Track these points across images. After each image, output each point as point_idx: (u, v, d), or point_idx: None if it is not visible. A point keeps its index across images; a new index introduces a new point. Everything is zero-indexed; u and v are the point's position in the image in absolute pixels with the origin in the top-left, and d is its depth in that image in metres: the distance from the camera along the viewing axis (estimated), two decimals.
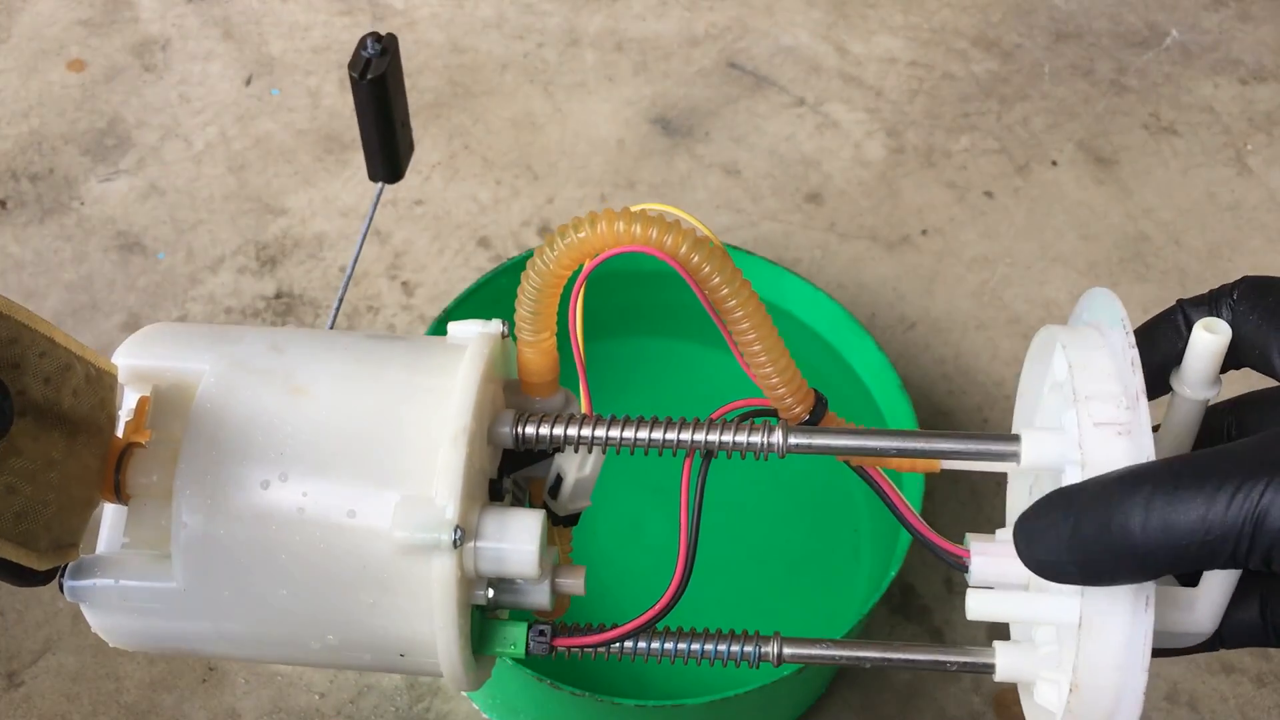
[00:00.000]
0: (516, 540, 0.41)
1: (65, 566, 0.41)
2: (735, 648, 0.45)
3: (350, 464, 0.41)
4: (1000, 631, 0.51)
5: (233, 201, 1.12)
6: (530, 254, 0.95)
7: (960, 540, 0.45)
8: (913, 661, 0.45)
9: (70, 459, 0.38)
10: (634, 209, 0.40)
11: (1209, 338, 0.40)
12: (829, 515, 0.94)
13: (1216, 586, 0.40)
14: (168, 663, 0.86)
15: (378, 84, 0.46)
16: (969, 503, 0.96)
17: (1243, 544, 0.33)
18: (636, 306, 0.94)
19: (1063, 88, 1.24)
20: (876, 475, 0.45)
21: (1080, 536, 0.36)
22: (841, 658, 0.45)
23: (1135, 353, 0.40)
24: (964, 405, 1.01)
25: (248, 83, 1.21)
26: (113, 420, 0.41)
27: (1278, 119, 1.22)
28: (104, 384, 0.40)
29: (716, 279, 0.40)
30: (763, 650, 0.45)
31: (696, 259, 0.40)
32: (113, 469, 0.41)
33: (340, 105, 1.19)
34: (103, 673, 0.85)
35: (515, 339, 0.44)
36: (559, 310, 0.44)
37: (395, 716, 0.84)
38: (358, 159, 1.15)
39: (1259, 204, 1.16)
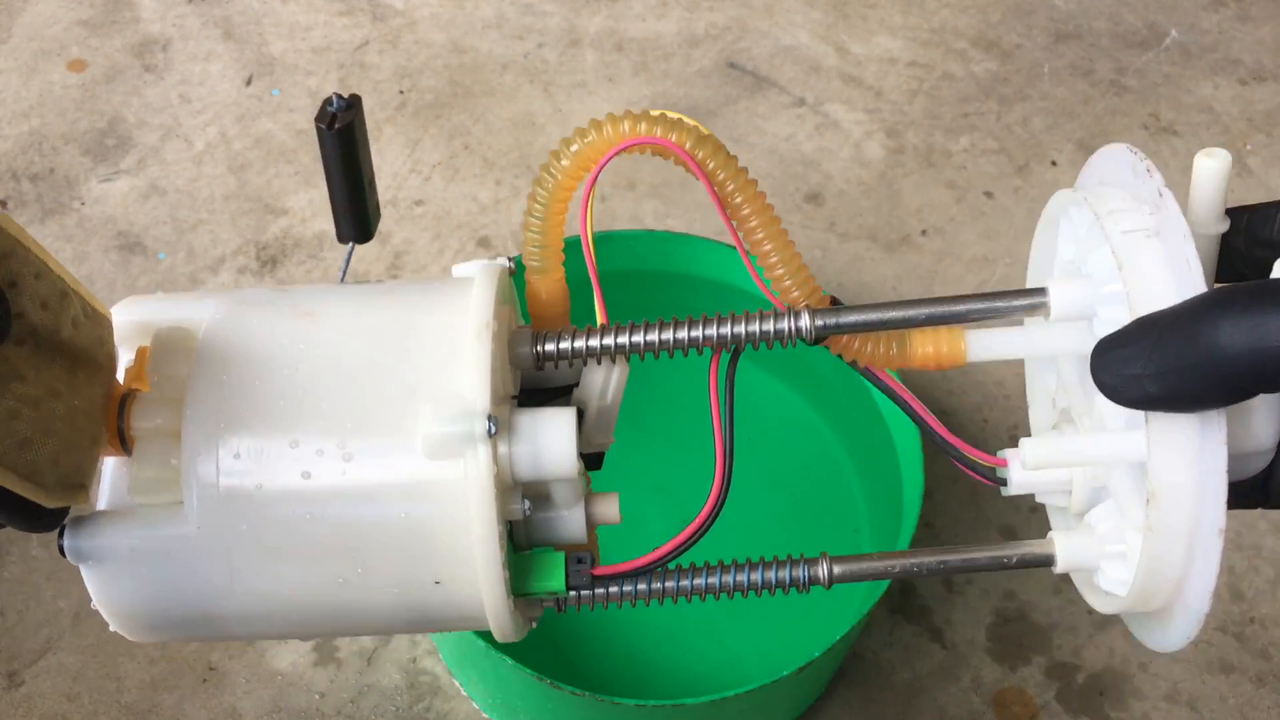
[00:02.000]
0: (552, 436, 0.39)
1: (64, 528, 0.39)
2: (783, 574, 0.42)
3: (371, 373, 0.39)
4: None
5: (233, 201, 1.12)
6: None
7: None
8: (971, 561, 0.42)
9: (73, 393, 0.37)
10: (638, 113, 0.40)
11: (1210, 163, 0.39)
12: (829, 515, 0.94)
13: (1272, 398, 0.38)
14: (168, 662, 0.86)
15: (345, 133, 0.47)
16: (969, 503, 0.96)
17: None
18: (637, 307, 0.94)
19: (1062, 88, 1.24)
20: (895, 385, 0.43)
21: (1164, 353, 0.35)
22: (896, 568, 0.42)
23: (1147, 162, 0.39)
24: (964, 405, 1.01)
25: (248, 83, 1.21)
26: (113, 360, 0.40)
27: (1277, 119, 1.22)
28: (101, 323, 0.39)
29: (722, 173, 0.40)
30: (812, 572, 0.42)
31: (701, 154, 0.40)
32: (115, 415, 0.39)
33: None
34: (103, 672, 0.85)
35: (522, 274, 0.43)
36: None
37: (395, 716, 0.84)
38: None
39: None
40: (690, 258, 0.93)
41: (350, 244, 0.50)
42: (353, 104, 0.47)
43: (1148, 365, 0.35)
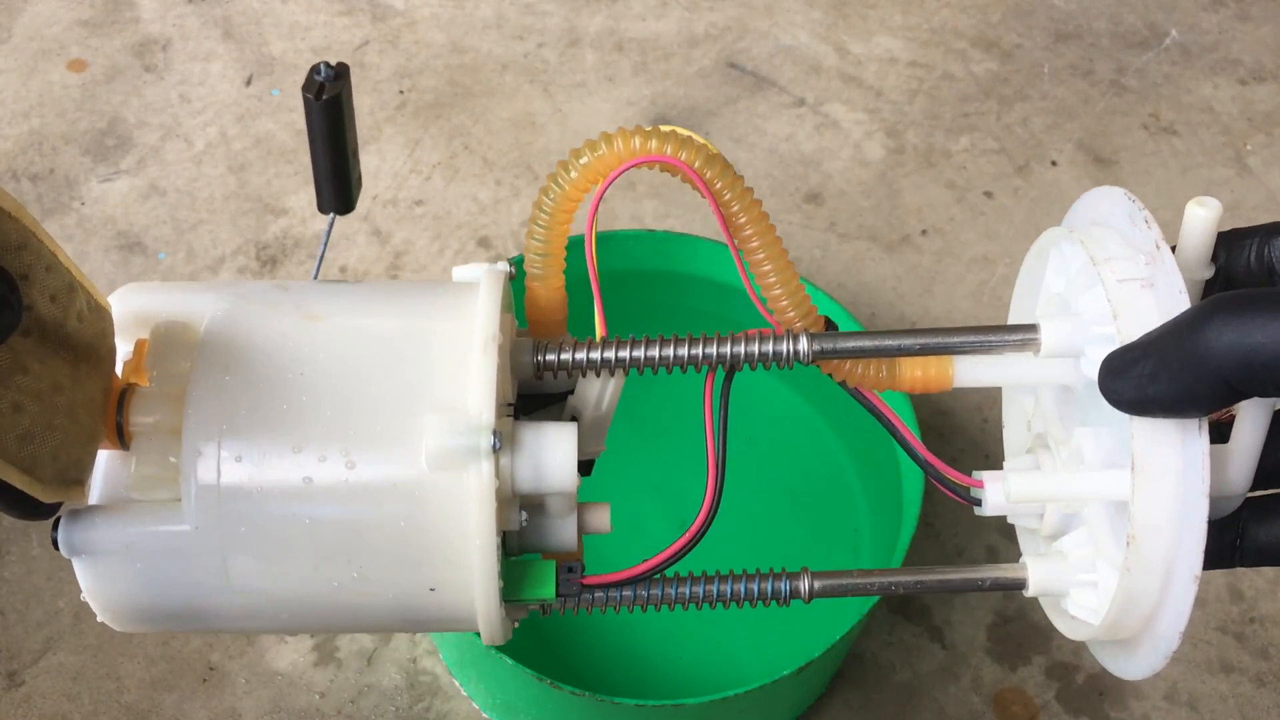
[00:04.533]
0: (554, 451, 0.39)
1: (58, 520, 0.39)
2: (765, 585, 0.43)
3: (376, 380, 0.39)
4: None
5: (233, 201, 1.12)
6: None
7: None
8: (946, 582, 0.44)
9: (75, 387, 0.37)
10: (648, 129, 0.40)
11: (1201, 212, 0.40)
12: (829, 515, 0.94)
13: (1249, 433, 0.39)
14: (168, 662, 0.86)
15: (332, 104, 0.46)
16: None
17: None
18: (637, 307, 0.94)
19: (1063, 88, 1.24)
20: (882, 405, 0.43)
21: (1161, 352, 0.36)
22: (874, 585, 0.43)
23: (1145, 212, 0.40)
24: (963, 405, 1.01)
25: (248, 83, 1.21)
26: (113, 354, 0.39)
27: (1277, 119, 1.22)
28: (104, 316, 0.39)
29: (727, 194, 0.41)
30: (794, 585, 0.43)
31: (709, 173, 0.40)
32: (114, 409, 0.39)
33: None
34: (103, 672, 0.85)
35: (523, 279, 0.43)
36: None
37: (395, 716, 0.84)
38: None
39: (1259, 204, 1.16)
40: (690, 258, 0.93)
41: (331, 214, 0.49)
42: (340, 74, 0.46)
43: (1145, 365, 0.37)
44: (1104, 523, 0.41)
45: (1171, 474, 0.37)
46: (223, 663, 0.86)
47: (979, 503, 0.43)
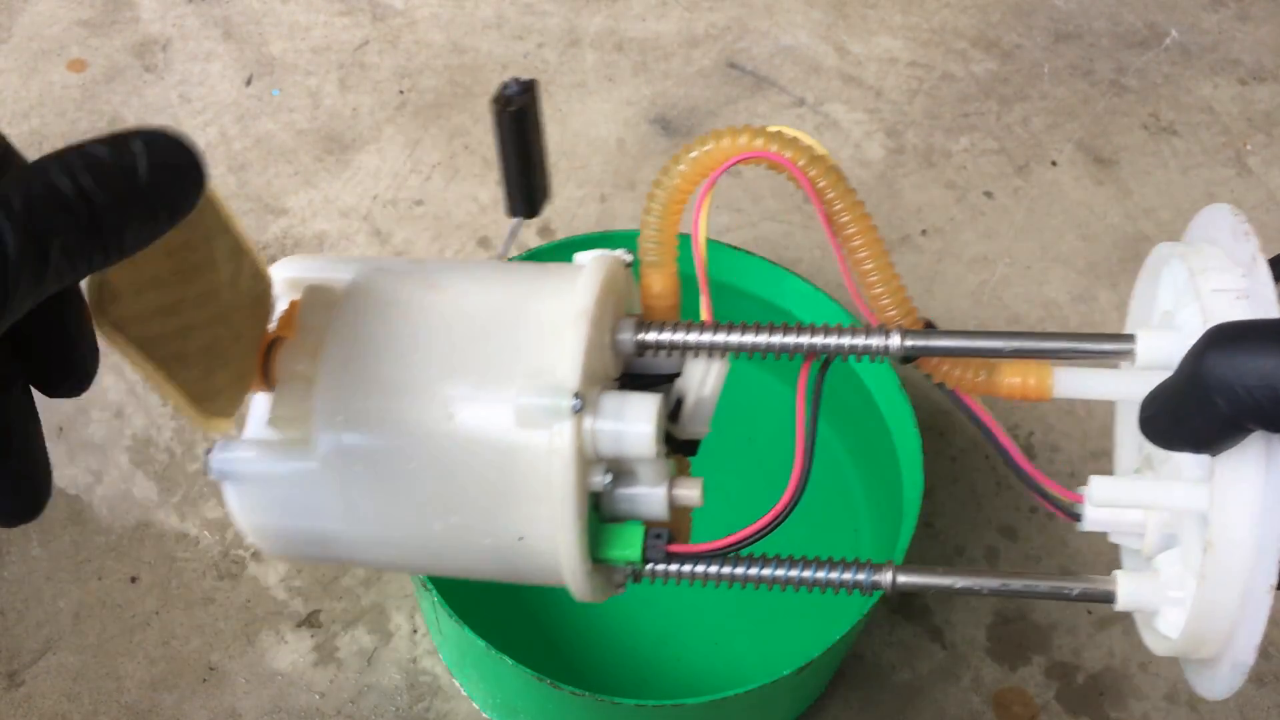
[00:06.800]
0: (634, 418, 0.42)
1: (210, 448, 0.44)
2: (847, 575, 0.44)
3: (480, 346, 0.43)
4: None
5: (233, 201, 1.12)
6: (528, 254, 0.95)
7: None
8: (1032, 588, 0.44)
9: (243, 331, 0.43)
10: (756, 127, 0.42)
11: None
12: (829, 515, 0.94)
13: None
14: (168, 662, 0.86)
15: (519, 116, 0.49)
16: (969, 502, 0.96)
17: None
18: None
19: (1062, 88, 1.24)
20: (980, 411, 0.44)
21: (1179, 400, 0.36)
22: (958, 586, 0.44)
23: (1247, 225, 0.40)
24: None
25: (248, 83, 1.21)
26: (270, 311, 0.45)
27: (1277, 119, 1.22)
28: (266, 280, 0.45)
29: (831, 193, 0.42)
30: (875, 578, 0.44)
31: (814, 172, 0.42)
32: (263, 356, 0.44)
33: (340, 105, 1.19)
34: (103, 672, 0.86)
35: (638, 268, 0.46)
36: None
37: (395, 716, 0.84)
38: (358, 159, 1.15)
39: (1259, 204, 1.16)
40: (687, 256, 0.93)
41: (517, 219, 0.52)
42: (528, 88, 0.49)
43: (1167, 404, 0.37)
44: (1194, 538, 0.41)
45: (1250, 482, 0.37)
46: (223, 663, 0.86)
47: (1079, 517, 0.44)
